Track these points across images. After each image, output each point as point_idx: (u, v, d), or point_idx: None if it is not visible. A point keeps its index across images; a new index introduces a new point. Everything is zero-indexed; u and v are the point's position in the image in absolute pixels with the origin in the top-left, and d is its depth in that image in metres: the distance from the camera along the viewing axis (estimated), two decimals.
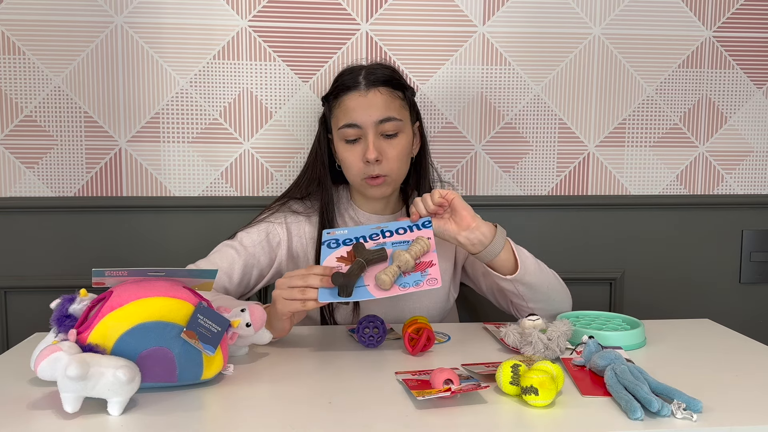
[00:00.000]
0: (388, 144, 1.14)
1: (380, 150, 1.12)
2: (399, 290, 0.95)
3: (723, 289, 1.62)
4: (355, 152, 1.14)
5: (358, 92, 1.14)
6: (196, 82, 1.44)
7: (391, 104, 1.14)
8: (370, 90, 1.13)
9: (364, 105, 1.13)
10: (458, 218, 1.04)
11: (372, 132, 1.13)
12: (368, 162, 1.12)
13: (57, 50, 1.40)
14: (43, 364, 0.73)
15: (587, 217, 1.57)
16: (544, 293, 1.12)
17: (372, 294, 0.95)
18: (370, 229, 1.06)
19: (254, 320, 0.93)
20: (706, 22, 1.54)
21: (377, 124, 1.12)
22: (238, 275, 1.17)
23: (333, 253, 1.02)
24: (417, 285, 0.96)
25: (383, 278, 0.94)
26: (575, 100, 1.53)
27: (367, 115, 1.12)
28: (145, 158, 1.45)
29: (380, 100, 1.13)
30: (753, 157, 1.60)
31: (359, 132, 1.13)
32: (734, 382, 0.86)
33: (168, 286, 0.83)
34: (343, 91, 1.15)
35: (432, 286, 0.96)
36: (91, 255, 1.46)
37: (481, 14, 1.48)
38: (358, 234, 1.05)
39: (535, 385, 0.75)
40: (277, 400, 0.80)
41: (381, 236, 1.05)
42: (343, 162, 1.16)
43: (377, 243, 1.03)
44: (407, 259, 0.97)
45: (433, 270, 0.98)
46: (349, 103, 1.14)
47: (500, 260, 1.07)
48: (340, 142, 1.16)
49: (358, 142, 1.14)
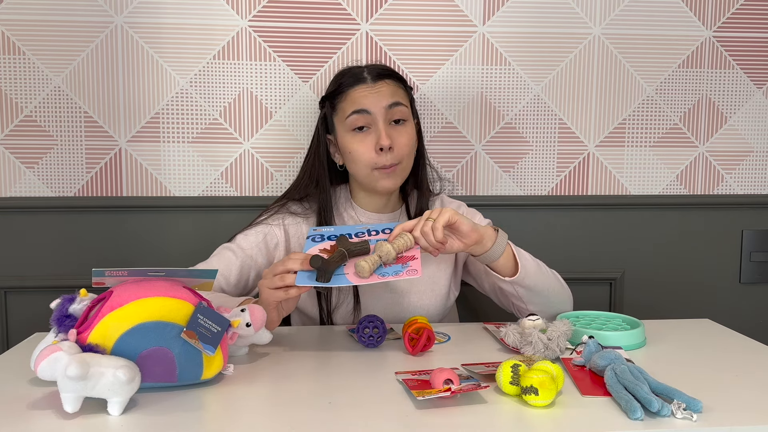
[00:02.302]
0: (398, 131, 1.14)
1: (391, 137, 1.13)
2: (377, 278, 0.96)
3: (723, 289, 1.62)
4: (365, 142, 1.14)
5: (365, 84, 1.15)
6: (196, 82, 1.44)
7: (397, 92, 1.16)
8: (377, 81, 1.15)
9: (373, 92, 1.14)
10: (461, 235, 1.04)
11: (382, 118, 1.13)
12: (381, 150, 1.12)
13: (57, 50, 1.40)
14: (43, 364, 0.73)
15: (587, 217, 1.57)
16: (544, 296, 1.12)
17: (350, 281, 0.95)
18: (356, 228, 1.07)
19: (254, 320, 0.93)
20: (706, 22, 1.54)
21: (387, 109, 1.13)
22: (235, 277, 1.17)
23: (316, 246, 1.03)
24: (396, 275, 0.96)
25: (362, 264, 0.94)
26: (575, 100, 1.53)
27: (376, 101, 1.13)
28: (145, 158, 1.45)
29: (387, 88, 1.15)
30: (753, 157, 1.60)
31: (369, 119, 1.13)
32: (734, 382, 0.86)
33: (168, 286, 0.83)
34: (348, 85, 1.16)
35: (412, 275, 0.96)
36: (91, 255, 1.46)
37: (481, 14, 1.48)
38: (344, 231, 1.06)
39: (535, 385, 0.75)
40: (277, 400, 0.80)
41: (367, 234, 1.05)
42: (352, 154, 1.15)
43: (362, 240, 1.04)
44: (388, 249, 0.97)
45: (414, 262, 0.98)
46: (357, 93, 1.14)
47: (500, 263, 1.08)
48: (347, 133, 1.15)
49: (368, 132, 1.14)
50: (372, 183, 1.17)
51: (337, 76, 1.21)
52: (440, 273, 1.23)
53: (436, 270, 1.22)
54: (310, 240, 1.05)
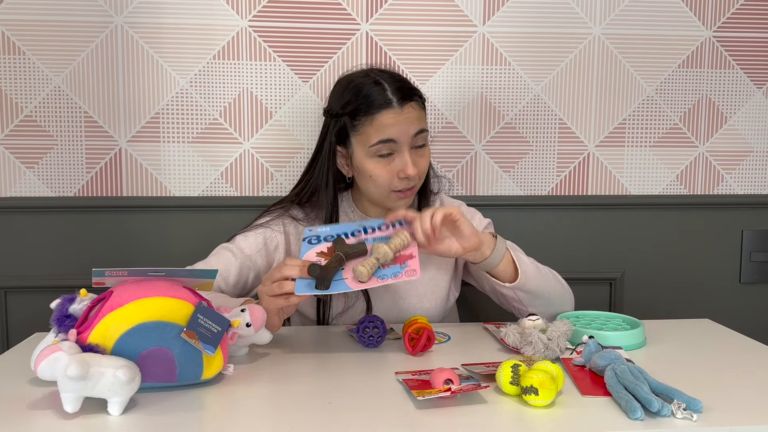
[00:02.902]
0: (419, 155, 1.14)
1: (415, 164, 1.12)
2: (377, 282, 0.95)
3: (723, 289, 1.62)
4: (388, 168, 1.12)
5: (393, 110, 1.10)
6: (196, 82, 1.44)
7: (421, 116, 1.14)
8: (404, 106, 1.11)
9: (401, 121, 1.10)
10: (461, 238, 1.03)
11: (408, 147, 1.11)
12: (407, 178, 1.11)
13: (57, 50, 1.40)
14: (43, 364, 0.73)
15: (587, 217, 1.57)
16: (545, 298, 1.12)
17: (350, 286, 0.95)
18: (352, 227, 1.06)
19: (254, 320, 0.93)
20: (706, 22, 1.54)
21: (413, 137, 1.12)
22: (234, 277, 1.16)
23: (313, 249, 1.02)
24: (395, 276, 0.96)
25: (361, 269, 0.94)
26: (575, 100, 1.53)
27: (404, 130, 1.11)
28: (145, 158, 1.45)
29: (414, 115, 1.12)
30: (753, 157, 1.60)
31: (394, 147, 1.11)
32: (734, 382, 0.86)
33: (168, 286, 0.83)
34: (375, 108, 1.11)
35: (411, 277, 0.96)
36: (91, 255, 1.46)
37: (481, 14, 1.48)
38: (340, 231, 1.05)
39: (535, 385, 0.75)
40: (277, 400, 0.80)
41: (363, 233, 1.05)
42: (372, 176, 1.13)
43: (358, 239, 1.03)
44: (386, 251, 0.96)
45: (412, 262, 0.98)
46: (384, 120, 1.10)
47: (500, 269, 1.08)
48: (371, 158, 1.12)
49: (391, 158, 1.12)
50: (386, 203, 1.16)
51: (356, 91, 1.13)
52: (440, 275, 1.22)
53: (437, 272, 1.22)
54: (306, 242, 1.04)
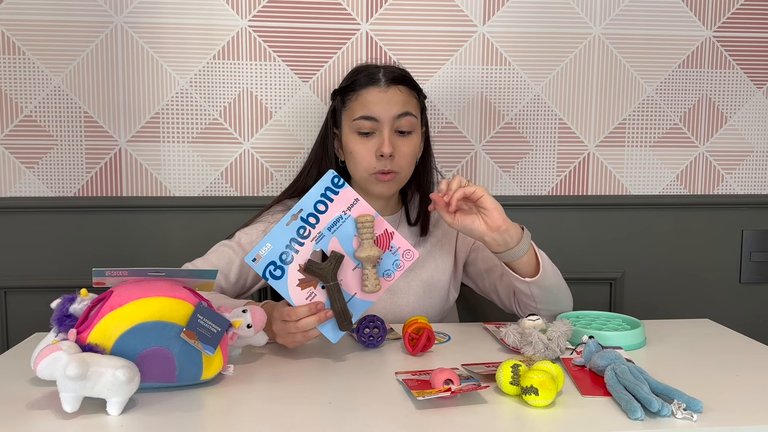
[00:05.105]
0: (402, 141, 1.14)
1: (394, 145, 1.13)
2: (388, 282, 0.97)
3: (723, 289, 1.62)
4: (367, 146, 1.14)
5: (378, 88, 1.14)
6: (196, 82, 1.44)
7: (409, 102, 1.15)
8: (391, 87, 1.14)
9: (384, 100, 1.13)
10: (489, 218, 1.02)
11: (388, 127, 1.13)
12: (382, 156, 1.12)
13: (57, 50, 1.40)
14: (42, 364, 0.73)
15: (587, 217, 1.57)
16: (555, 295, 1.12)
17: (369, 300, 0.96)
18: (296, 228, 0.93)
19: (255, 322, 0.92)
20: (706, 22, 1.54)
21: (394, 119, 1.13)
22: (234, 275, 1.16)
23: (288, 284, 0.93)
24: (399, 268, 0.97)
25: (368, 286, 0.94)
26: (575, 100, 1.53)
27: (386, 109, 1.12)
28: (145, 158, 1.45)
29: (400, 97, 1.14)
30: (753, 157, 1.60)
31: (375, 125, 1.13)
32: (734, 382, 0.86)
33: (168, 286, 0.83)
34: (361, 85, 1.15)
35: (411, 259, 0.97)
36: (91, 255, 1.46)
37: (481, 14, 1.48)
38: (283, 248, 0.93)
39: (535, 385, 0.75)
40: (276, 400, 0.80)
41: (310, 228, 0.94)
42: (353, 155, 1.15)
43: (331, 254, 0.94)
44: (369, 254, 0.94)
45: (398, 242, 0.97)
46: (368, 96, 1.14)
47: (521, 263, 1.06)
48: (352, 134, 1.15)
49: (372, 136, 1.14)
50: (368, 186, 1.17)
51: (352, 72, 1.19)
52: (440, 274, 1.22)
53: (436, 271, 1.22)
54: (271, 279, 0.92)
